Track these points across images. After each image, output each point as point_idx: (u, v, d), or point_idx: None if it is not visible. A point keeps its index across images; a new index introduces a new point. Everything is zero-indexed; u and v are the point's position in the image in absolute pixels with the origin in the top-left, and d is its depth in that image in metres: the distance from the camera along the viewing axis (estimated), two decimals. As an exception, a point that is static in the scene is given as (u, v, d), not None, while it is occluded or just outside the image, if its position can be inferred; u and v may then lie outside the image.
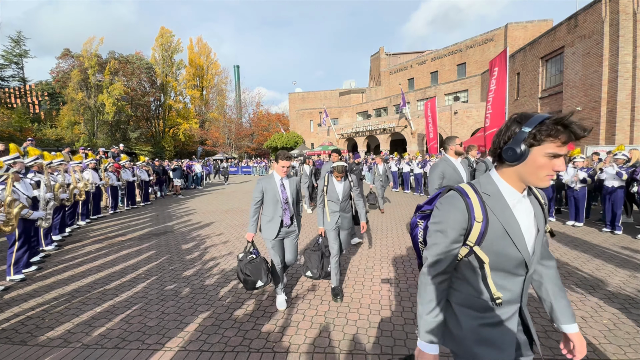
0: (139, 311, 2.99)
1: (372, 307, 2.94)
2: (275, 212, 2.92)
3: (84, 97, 33.36)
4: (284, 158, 2.94)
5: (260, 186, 2.92)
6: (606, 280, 3.45)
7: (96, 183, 7.52)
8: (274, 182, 2.96)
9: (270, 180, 2.96)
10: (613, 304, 2.92)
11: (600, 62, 12.04)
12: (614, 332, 2.46)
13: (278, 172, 2.94)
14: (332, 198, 3.29)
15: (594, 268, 3.81)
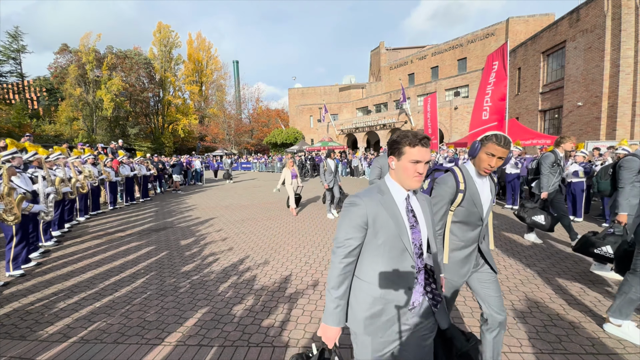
0: (138, 306, 2.99)
1: (371, 302, 2.94)
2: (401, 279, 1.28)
3: (82, 93, 33.20)
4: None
5: (363, 211, 1.23)
6: (605, 274, 3.45)
7: (96, 177, 7.50)
8: (391, 203, 1.27)
9: (386, 200, 1.27)
10: (612, 298, 2.92)
11: (601, 57, 11.95)
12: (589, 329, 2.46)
13: (406, 181, 1.25)
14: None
15: (593, 262, 3.81)
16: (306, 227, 6.00)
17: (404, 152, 1.21)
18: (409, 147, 1.20)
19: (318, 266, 3.93)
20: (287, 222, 6.48)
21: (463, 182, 1.63)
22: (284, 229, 5.91)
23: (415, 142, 1.20)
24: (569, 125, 13.86)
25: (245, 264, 4.09)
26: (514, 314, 2.69)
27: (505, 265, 3.85)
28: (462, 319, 2.64)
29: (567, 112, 13.92)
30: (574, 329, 2.46)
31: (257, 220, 6.70)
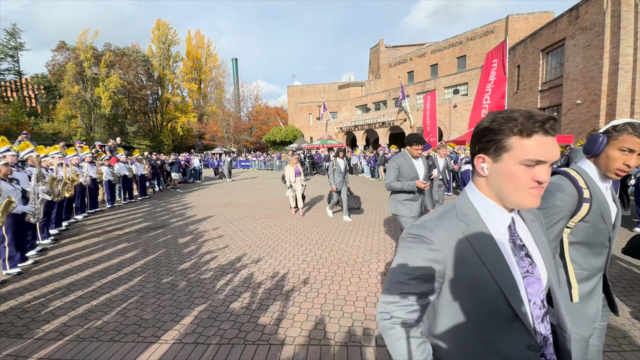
0: (135, 304, 3.00)
1: (368, 300, 2.95)
2: None
3: (80, 91, 33.04)
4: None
5: (438, 255, 0.76)
6: (602, 272, 3.47)
7: (92, 176, 7.48)
8: (485, 237, 0.77)
9: (475, 232, 0.79)
10: (608, 296, 2.93)
11: (601, 55, 11.93)
12: (609, 324, 2.47)
13: (513, 196, 0.73)
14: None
15: None
16: (304, 225, 6.00)
17: (511, 146, 0.70)
18: (521, 138, 0.69)
19: (315, 264, 3.93)
20: (285, 220, 6.48)
21: (586, 188, 1.21)
22: (282, 227, 5.91)
23: (533, 127, 0.68)
24: (568, 123, 13.87)
25: (242, 261, 4.09)
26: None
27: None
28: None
29: (566, 110, 13.92)
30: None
31: (255, 218, 6.70)
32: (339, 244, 4.72)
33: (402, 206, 3.26)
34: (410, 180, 3.20)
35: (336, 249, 4.48)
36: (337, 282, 3.37)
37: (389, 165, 3.38)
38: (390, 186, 3.27)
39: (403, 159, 3.27)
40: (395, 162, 3.30)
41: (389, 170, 3.34)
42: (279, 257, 4.22)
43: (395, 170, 3.28)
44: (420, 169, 3.29)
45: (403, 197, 3.26)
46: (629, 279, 3.28)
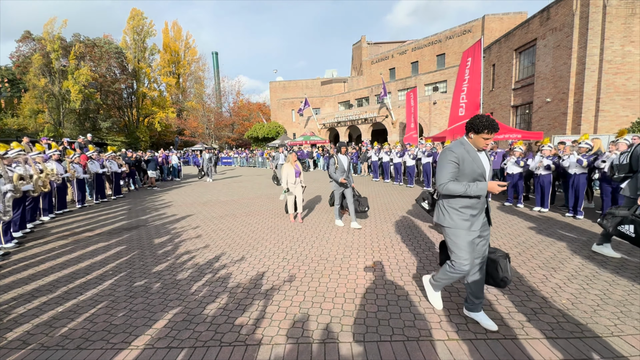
0: (104, 309, 2.86)
1: (347, 296, 2.97)
2: None
3: (47, 84, 31.08)
4: None
5: None
6: (567, 262, 3.67)
7: (61, 174, 7.07)
8: None
9: None
10: (572, 284, 3.10)
11: (569, 55, 12.54)
12: (571, 312, 2.62)
13: None
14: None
15: (556, 251, 4.04)
16: (285, 223, 5.96)
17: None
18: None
19: (295, 262, 3.91)
20: (267, 218, 6.41)
21: None
22: (263, 225, 5.84)
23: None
24: (539, 120, 14.54)
25: (221, 261, 4.01)
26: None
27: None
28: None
29: (537, 108, 14.57)
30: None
31: (236, 217, 6.58)
32: (319, 241, 4.72)
33: (459, 216, 2.35)
34: (477, 181, 2.30)
35: (317, 246, 4.48)
36: (316, 280, 3.37)
37: (443, 157, 2.37)
38: (447, 189, 2.31)
39: (464, 149, 2.31)
40: (453, 153, 2.31)
41: (443, 165, 2.35)
42: (259, 256, 4.16)
43: (452, 166, 2.31)
44: (486, 164, 2.37)
45: (461, 204, 2.35)
46: (590, 268, 3.48)
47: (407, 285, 3.15)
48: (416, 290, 3.06)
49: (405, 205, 7.28)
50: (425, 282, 2.82)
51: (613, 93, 11.93)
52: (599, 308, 2.66)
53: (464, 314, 2.59)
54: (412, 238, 4.73)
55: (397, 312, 2.65)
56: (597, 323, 2.44)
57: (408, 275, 3.40)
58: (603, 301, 2.77)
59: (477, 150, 2.35)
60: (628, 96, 11.87)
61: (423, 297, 2.91)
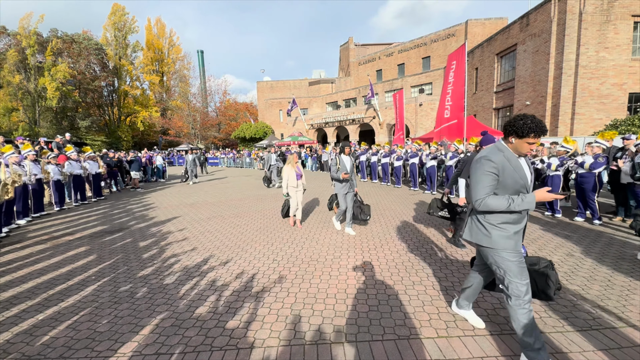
0: (88, 316, 2.76)
1: (338, 297, 2.98)
2: None
3: (22, 80, 29.67)
4: None
5: None
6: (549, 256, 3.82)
7: (36, 175, 6.76)
8: None
9: None
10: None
11: (547, 60, 13.08)
12: (552, 306, 2.73)
13: None
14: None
15: (536, 248, 4.20)
16: (274, 223, 5.92)
17: None
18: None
19: (286, 263, 3.90)
20: (255, 219, 6.35)
21: None
22: (251, 226, 5.78)
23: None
24: (520, 122, 15.07)
25: (210, 263, 3.94)
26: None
27: (463, 254, 4.09)
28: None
29: (517, 111, 15.11)
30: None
31: (224, 218, 6.49)
32: (309, 242, 4.72)
33: (501, 234, 1.99)
34: (521, 194, 1.94)
35: (307, 247, 4.48)
36: (307, 281, 3.37)
37: (478, 168, 1.99)
38: (486, 205, 1.93)
39: (504, 157, 1.94)
40: (491, 162, 1.93)
41: (479, 178, 1.97)
42: (248, 258, 4.12)
43: (491, 178, 1.94)
44: (528, 173, 2.03)
45: (501, 220, 1.99)
46: (570, 265, 3.64)
47: (397, 285, 3.20)
48: (406, 289, 3.11)
49: (393, 205, 7.38)
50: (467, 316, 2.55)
51: (588, 97, 12.53)
52: (580, 303, 2.79)
53: (452, 312, 2.66)
54: (401, 237, 4.81)
55: (388, 311, 2.69)
56: (576, 317, 2.56)
57: (397, 275, 3.45)
58: (582, 296, 2.90)
59: (518, 156, 2.00)
60: (602, 100, 12.50)
61: (413, 295, 2.97)
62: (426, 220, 5.88)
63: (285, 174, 5.50)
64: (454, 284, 3.21)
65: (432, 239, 4.74)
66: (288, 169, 5.51)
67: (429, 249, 4.29)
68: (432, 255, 4.03)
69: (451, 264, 3.73)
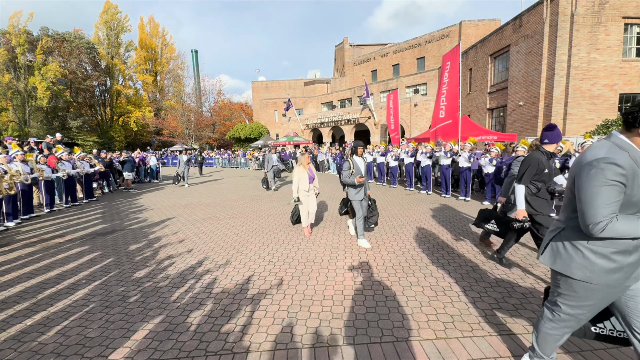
0: (78, 321, 2.68)
1: (335, 299, 2.95)
2: None
3: (11, 80, 29.05)
4: None
5: None
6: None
7: (28, 173, 6.59)
8: None
9: None
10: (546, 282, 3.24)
11: (540, 61, 13.23)
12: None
13: None
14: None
15: (530, 250, 4.22)
16: (270, 224, 5.86)
17: None
18: None
19: (282, 264, 3.85)
20: (251, 219, 6.29)
21: None
22: (247, 227, 5.72)
23: None
24: (512, 123, 15.23)
25: (205, 266, 3.88)
26: (467, 301, 2.86)
27: (459, 254, 4.09)
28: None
29: (511, 111, 15.26)
30: (517, 310, 2.69)
31: (219, 219, 6.41)
32: (305, 243, 4.68)
33: (608, 266, 1.49)
34: None
35: (303, 248, 4.44)
36: (304, 282, 3.33)
37: (594, 176, 1.42)
38: (613, 230, 1.39)
39: (630, 159, 1.41)
40: (617, 167, 1.38)
41: (597, 191, 1.41)
42: (244, 259, 4.06)
43: (617, 191, 1.39)
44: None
45: (616, 248, 1.47)
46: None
47: (395, 286, 3.18)
48: (403, 290, 3.09)
49: (389, 205, 7.37)
50: None
51: (579, 97, 12.70)
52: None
53: (449, 313, 2.64)
54: (397, 238, 4.79)
55: (386, 312, 2.67)
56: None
57: (395, 275, 3.43)
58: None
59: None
60: (593, 100, 12.68)
61: (411, 297, 2.95)
62: (423, 220, 5.88)
63: (296, 176, 4.90)
64: (451, 284, 3.20)
65: (430, 239, 4.73)
66: (299, 171, 4.93)
67: (425, 249, 4.28)
68: (429, 256, 4.02)
69: (448, 264, 3.72)
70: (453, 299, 2.87)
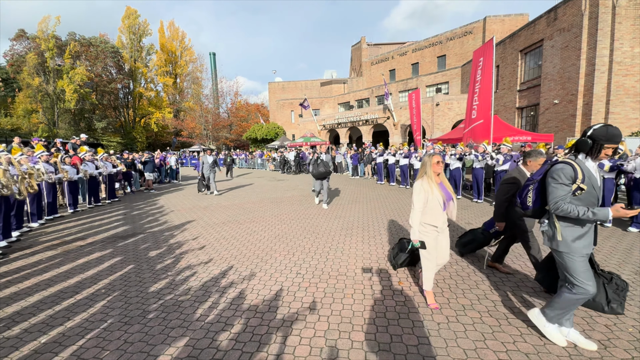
0: (94, 341, 2.43)
1: (378, 323, 2.56)
2: None
3: (41, 83, 30.43)
4: None
5: None
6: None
7: (51, 172, 6.60)
8: None
9: None
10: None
11: (578, 56, 12.29)
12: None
13: None
14: None
15: (598, 265, 3.67)
16: (293, 230, 5.54)
17: None
18: None
19: (312, 277, 3.50)
20: (272, 224, 5.99)
21: None
22: (269, 232, 5.42)
23: None
24: (545, 122, 14.28)
25: (228, 277, 3.59)
26: (537, 332, 2.40)
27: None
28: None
29: (544, 110, 14.32)
30: (604, 348, 2.21)
31: (240, 223, 6.16)
32: (334, 252, 4.32)
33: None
34: None
35: (332, 258, 4.08)
36: (338, 301, 2.96)
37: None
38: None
39: None
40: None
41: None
42: (269, 270, 3.75)
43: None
44: None
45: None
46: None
47: (445, 309, 2.75)
48: (457, 315, 2.66)
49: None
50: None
51: (623, 95, 11.69)
52: None
53: (522, 349, 2.20)
54: (435, 249, 4.34)
55: (442, 346, 2.26)
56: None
57: (442, 296, 3.00)
58: None
59: None
60: (638, 98, 11.64)
61: (468, 324, 2.52)
62: (459, 228, 5.39)
63: (419, 197, 2.66)
64: (512, 309, 2.73)
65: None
66: (424, 188, 2.66)
67: (470, 263, 3.82)
68: (476, 272, 3.56)
69: (502, 283, 3.25)
70: (522, 330, 2.42)
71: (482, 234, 3.80)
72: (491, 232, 3.74)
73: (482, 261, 3.84)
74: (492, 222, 3.74)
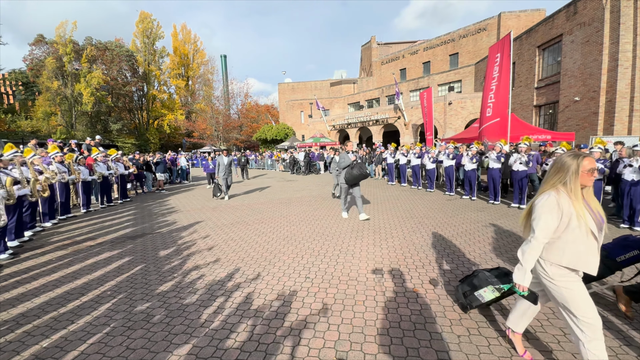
0: (97, 346, 2.35)
1: (392, 334, 2.39)
2: None
3: (59, 87, 31.42)
4: None
5: None
6: None
7: (63, 172, 6.68)
8: None
9: None
10: None
11: (600, 51, 11.73)
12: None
13: None
14: None
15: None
16: (302, 231, 5.41)
17: None
18: None
19: (321, 282, 3.35)
20: (281, 226, 5.88)
21: None
22: (277, 234, 5.30)
23: None
24: (565, 121, 13.69)
25: (235, 279, 3.48)
26: (569, 348, 2.18)
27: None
28: (508, 357, 2.12)
29: (564, 107, 13.73)
30: None
31: (248, 224, 6.07)
32: (343, 255, 4.16)
33: None
34: None
35: (341, 262, 3.92)
36: (349, 308, 2.80)
37: None
38: None
39: None
40: None
41: None
42: (277, 273, 3.62)
43: None
44: None
45: None
46: None
47: (465, 320, 2.55)
48: (478, 327, 2.46)
49: (430, 212, 6.65)
50: None
51: (649, 91, 11.06)
52: None
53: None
54: (451, 253, 4.12)
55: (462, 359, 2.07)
56: None
57: (457, 305, 2.80)
58: None
59: None
60: (666, 94, 10.99)
61: (492, 338, 2.31)
62: (475, 231, 5.14)
63: (554, 215, 1.72)
64: (548, 319, 2.51)
65: (492, 255, 4.02)
66: (563, 205, 1.72)
67: (489, 269, 3.58)
68: (496, 278, 3.32)
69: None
70: (552, 346, 2.20)
71: None
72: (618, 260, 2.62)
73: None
74: None
